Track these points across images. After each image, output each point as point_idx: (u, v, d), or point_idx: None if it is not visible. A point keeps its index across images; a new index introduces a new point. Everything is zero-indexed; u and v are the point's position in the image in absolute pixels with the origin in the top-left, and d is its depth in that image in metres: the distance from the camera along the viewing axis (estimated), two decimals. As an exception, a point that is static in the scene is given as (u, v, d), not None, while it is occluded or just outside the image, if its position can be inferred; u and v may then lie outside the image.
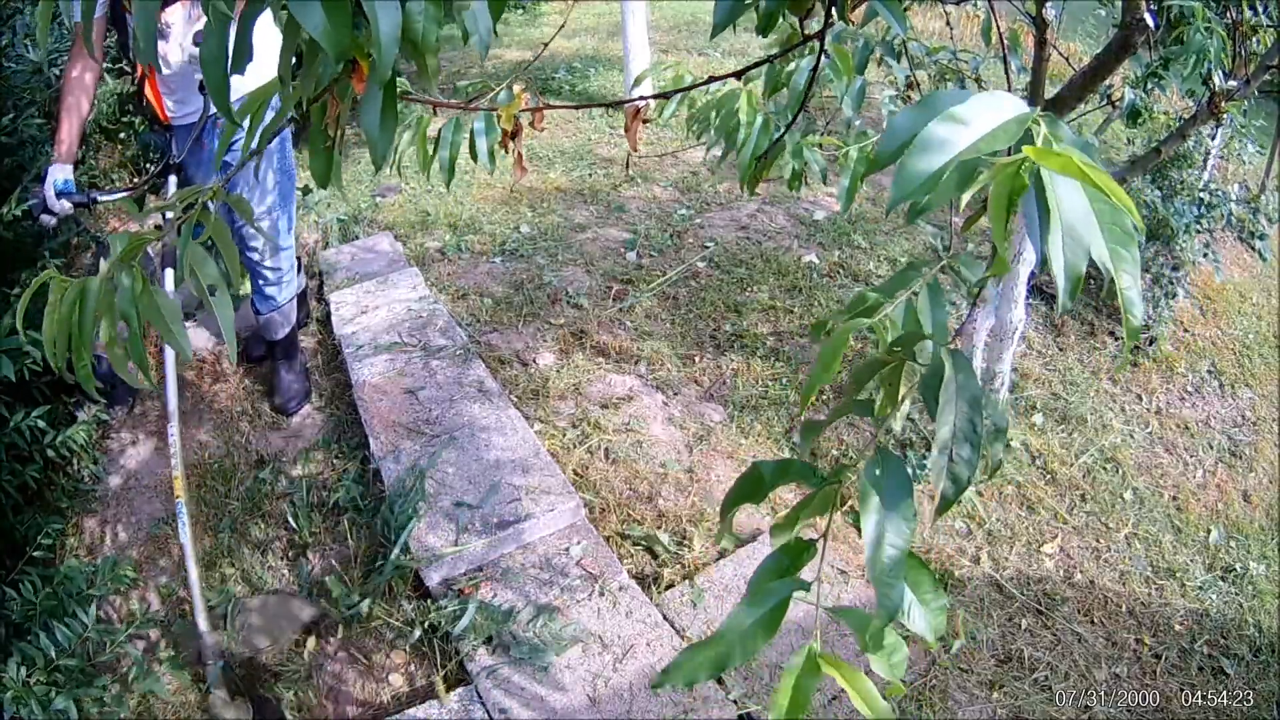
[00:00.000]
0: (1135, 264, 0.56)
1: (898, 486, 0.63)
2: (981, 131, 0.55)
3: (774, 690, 0.64)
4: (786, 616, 0.67)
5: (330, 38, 0.63)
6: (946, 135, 0.55)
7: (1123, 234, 0.55)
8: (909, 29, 1.19)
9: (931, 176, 0.54)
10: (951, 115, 0.55)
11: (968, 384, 0.62)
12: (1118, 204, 0.54)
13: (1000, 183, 0.57)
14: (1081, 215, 0.55)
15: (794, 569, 0.70)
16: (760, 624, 0.65)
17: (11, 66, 2.92)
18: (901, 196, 0.55)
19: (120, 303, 0.81)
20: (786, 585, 0.67)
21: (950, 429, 0.62)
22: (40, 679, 1.66)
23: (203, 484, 2.57)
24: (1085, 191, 0.55)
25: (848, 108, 1.59)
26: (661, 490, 2.43)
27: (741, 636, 0.65)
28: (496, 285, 3.40)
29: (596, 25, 7.28)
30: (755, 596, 0.66)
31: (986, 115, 0.56)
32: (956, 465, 0.62)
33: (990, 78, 3.71)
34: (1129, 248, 0.55)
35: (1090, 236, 0.55)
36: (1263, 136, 4.14)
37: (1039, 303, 3.38)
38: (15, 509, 2.32)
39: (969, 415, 0.62)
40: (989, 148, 0.55)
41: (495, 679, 1.88)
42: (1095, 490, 2.63)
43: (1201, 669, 2.15)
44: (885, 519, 0.62)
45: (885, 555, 0.61)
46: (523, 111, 1.18)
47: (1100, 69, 1.59)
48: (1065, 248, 0.54)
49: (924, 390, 0.64)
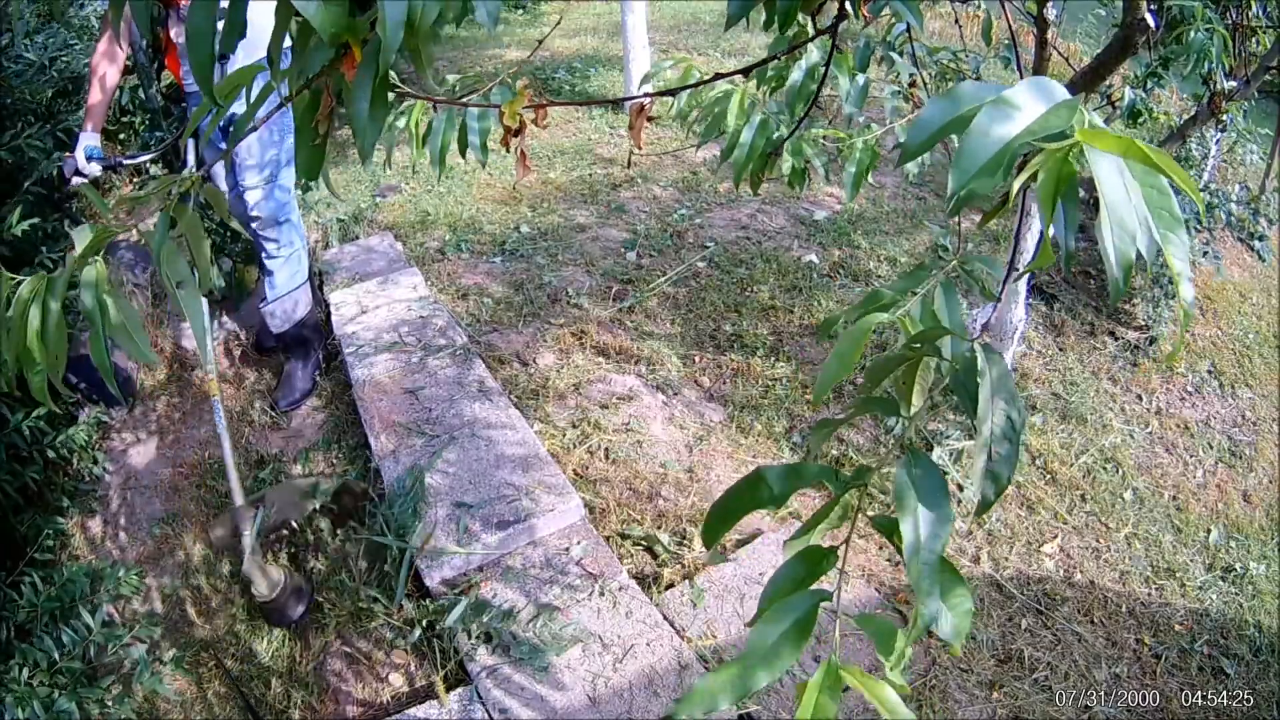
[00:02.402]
0: (1185, 247, 0.54)
1: (935, 488, 0.60)
2: (1034, 116, 0.54)
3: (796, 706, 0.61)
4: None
5: (324, 19, 0.60)
6: (1001, 121, 0.54)
7: (1171, 218, 0.54)
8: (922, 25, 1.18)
9: (991, 161, 0.53)
10: (1005, 100, 0.54)
11: (1004, 380, 0.60)
12: (1166, 186, 0.53)
13: (1050, 168, 0.55)
14: (1127, 201, 0.53)
15: (812, 578, 0.66)
16: (786, 640, 0.61)
17: (11, 67, 2.92)
18: (963, 183, 0.54)
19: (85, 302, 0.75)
20: (809, 597, 0.63)
21: (990, 427, 0.59)
22: (43, 680, 1.66)
23: (203, 484, 2.57)
24: (1135, 175, 0.53)
25: (850, 105, 1.59)
26: (661, 490, 2.43)
27: (766, 655, 0.61)
28: (496, 285, 3.40)
29: (596, 25, 7.28)
30: (776, 610, 0.62)
31: (1036, 100, 0.55)
32: (996, 464, 0.60)
33: (990, 77, 3.71)
34: (1177, 231, 0.54)
35: (1135, 223, 0.53)
36: (1264, 139, 4.14)
37: (1039, 303, 3.38)
38: (16, 509, 2.32)
39: (1006, 411, 0.60)
40: (1043, 130, 0.53)
41: (495, 679, 1.88)
42: (1095, 490, 2.63)
43: (1201, 669, 2.15)
44: (924, 522, 0.59)
45: (924, 561, 0.58)
46: (525, 108, 1.18)
47: (1100, 69, 1.59)
48: (1114, 235, 0.53)
49: (956, 388, 0.62)
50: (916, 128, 0.58)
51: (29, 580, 1.89)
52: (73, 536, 2.44)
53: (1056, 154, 0.55)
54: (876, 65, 1.98)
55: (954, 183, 0.54)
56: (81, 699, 1.67)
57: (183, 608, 2.26)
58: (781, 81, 1.44)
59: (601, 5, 7.66)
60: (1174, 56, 2.05)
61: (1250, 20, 2.16)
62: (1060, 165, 0.55)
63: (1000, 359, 0.62)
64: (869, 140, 1.52)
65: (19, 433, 2.21)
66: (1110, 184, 0.53)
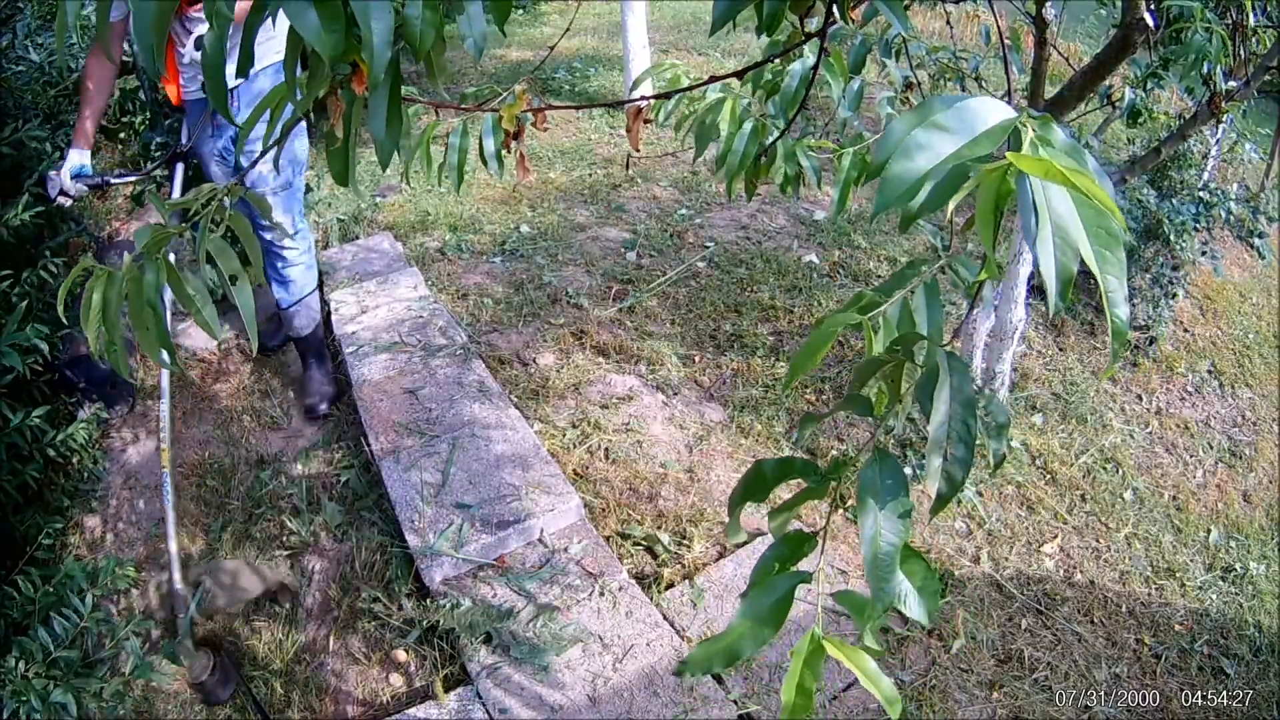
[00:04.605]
0: (1121, 266, 0.56)
1: (893, 485, 0.65)
2: (965, 138, 0.56)
3: (786, 675, 0.68)
4: (789, 616, 0.69)
5: (324, 42, 0.63)
6: (929, 142, 0.56)
7: (1108, 237, 0.56)
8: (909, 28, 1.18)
9: (914, 184, 0.56)
10: (934, 122, 0.57)
11: (962, 385, 0.64)
12: (1102, 207, 0.55)
13: (986, 188, 0.58)
14: (1069, 218, 0.56)
15: (794, 560, 0.72)
16: (768, 614, 0.68)
17: (11, 68, 2.92)
18: (885, 204, 0.57)
19: (147, 293, 0.83)
20: (789, 578, 0.70)
21: (944, 429, 0.64)
22: (38, 671, 1.66)
23: (203, 484, 2.58)
24: (1070, 195, 0.56)
25: (844, 109, 1.59)
26: (661, 490, 2.43)
27: (751, 627, 0.68)
28: (496, 285, 3.40)
29: (596, 25, 7.28)
30: (760, 589, 0.69)
31: (971, 121, 0.57)
32: (950, 465, 0.64)
33: (990, 77, 3.71)
34: (1114, 250, 0.56)
35: (1078, 239, 0.55)
36: (1263, 139, 4.14)
37: (1039, 303, 3.38)
38: (15, 508, 2.32)
39: (962, 416, 0.64)
40: (972, 154, 0.56)
41: (495, 678, 1.88)
42: (1095, 490, 2.63)
43: (1201, 669, 2.15)
44: (880, 516, 0.64)
45: (880, 551, 0.64)
46: (524, 112, 1.18)
47: (1100, 69, 1.60)
48: (1056, 250, 0.55)
49: (919, 391, 0.66)
50: (883, 143, 0.60)
51: (27, 578, 1.89)
52: (72, 536, 2.44)
53: (992, 175, 0.58)
54: (874, 65, 1.97)
55: (877, 202, 0.57)
56: (77, 690, 1.66)
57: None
58: (775, 86, 1.44)
59: (601, 5, 7.66)
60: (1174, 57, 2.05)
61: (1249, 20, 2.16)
62: (997, 185, 0.58)
63: (963, 366, 0.66)
64: (859, 151, 1.51)
65: (19, 432, 2.21)
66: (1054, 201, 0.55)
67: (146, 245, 0.83)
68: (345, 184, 0.86)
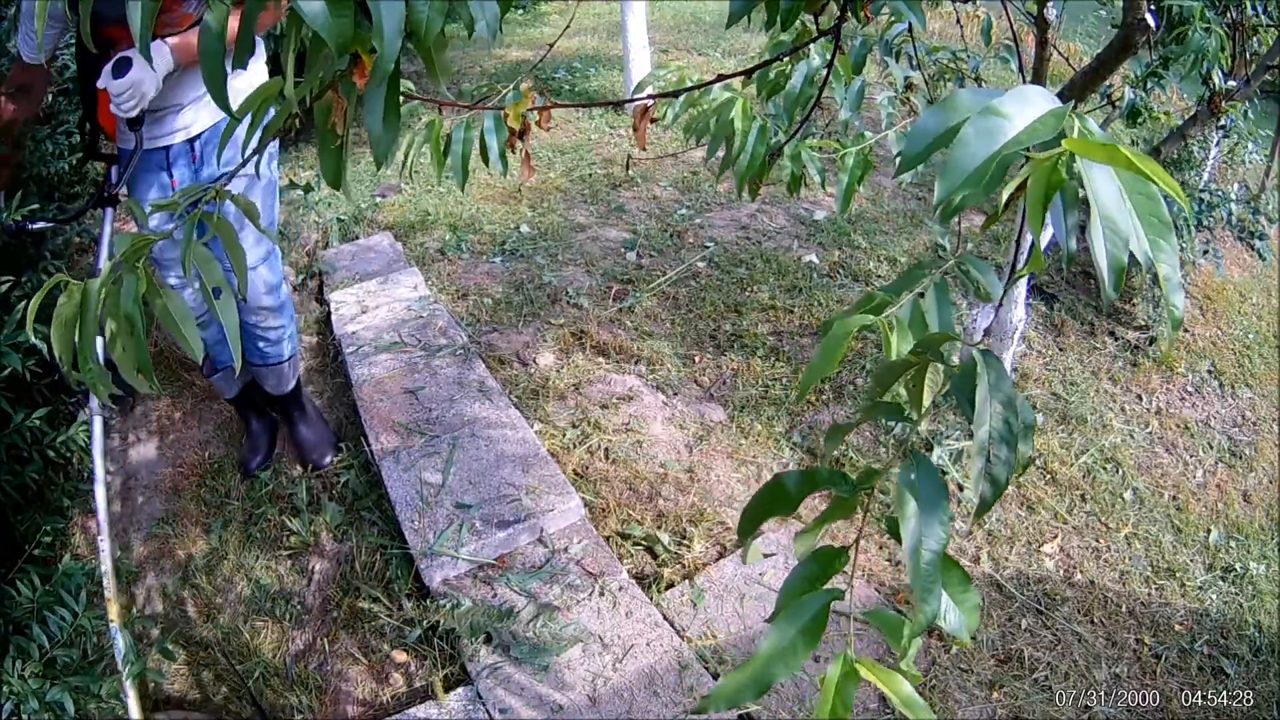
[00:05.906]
0: (1174, 253, 0.56)
1: (933, 490, 0.62)
2: (1022, 125, 0.55)
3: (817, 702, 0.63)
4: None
5: (332, 30, 0.61)
6: (990, 129, 0.55)
7: (1160, 224, 0.55)
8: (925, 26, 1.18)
9: (978, 170, 0.54)
10: (992, 109, 0.55)
11: (1001, 384, 0.62)
12: (1155, 193, 0.54)
13: (1038, 176, 0.57)
14: (1118, 206, 0.55)
15: (825, 578, 0.68)
16: (801, 637, 0.64)
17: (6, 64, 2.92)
18: (949, 191, 0.55)
19: (124, 304, 0.79)
20: (822, 596, 0.66)
21: (987, 430, 0.61)
22: (36, 671, 1.66)
23: (203, 484, 2.58)
24: (1124, 182, 0.55)
25: (846, 109, 1.59)
26: (661, 490, 2.43)
27: (783, 652, 0.63)
28: (496, 285, 3.40)
29: (596, 25, 7.28)
30: (791, 610, 0.65)
31: (1025, 109, 0.56)
32: (994, 466, 0.62)
33: (990, 77, 3.71)
34: (1167, 238, 0.55)
35: (1129, 227, 0.55)
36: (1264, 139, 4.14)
37: (1039, 303, 3.38)
38: (15, 509, 2.32)
39: (1004, 416, 0.61)
40: (1030, 140, 0.55)
41: (496, 678, 1.88)
42: (1095, 490, 2.63)
43: (1201, 669, 2.15)
44: (923, 523, 0.61)
45: (924, 560, 0.60)
46: (529, 111, 1.18)
47: (1100, 69, 1.60)
48: (1106, 239, 0.54)
49: (955, 392, 0.63)
50: (913, 137, 0.59)
51: (26, 578, 1.89)
52: (73, 536, 2.44)
53: (1045, 163, 0.57)
54: (875, 65, 1.97)
55: (939, 192, 0.56)
56: (74, 688, 1.66)
57: (183, 607, 2.27)
58: (779, 86, 1.44)
59: (601, 5, 7.66)
60: (1174, 56, 2.05)
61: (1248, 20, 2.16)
62: (1049, 174, 0.57)
63: (998, 363, 0.64)
64: (862, 150, 1.51)
65: (19, 432, 2.21)
66: (1102, 191, 0.55)
67: (125, 253, 0.79)
68: (338, 186, 0.83)
